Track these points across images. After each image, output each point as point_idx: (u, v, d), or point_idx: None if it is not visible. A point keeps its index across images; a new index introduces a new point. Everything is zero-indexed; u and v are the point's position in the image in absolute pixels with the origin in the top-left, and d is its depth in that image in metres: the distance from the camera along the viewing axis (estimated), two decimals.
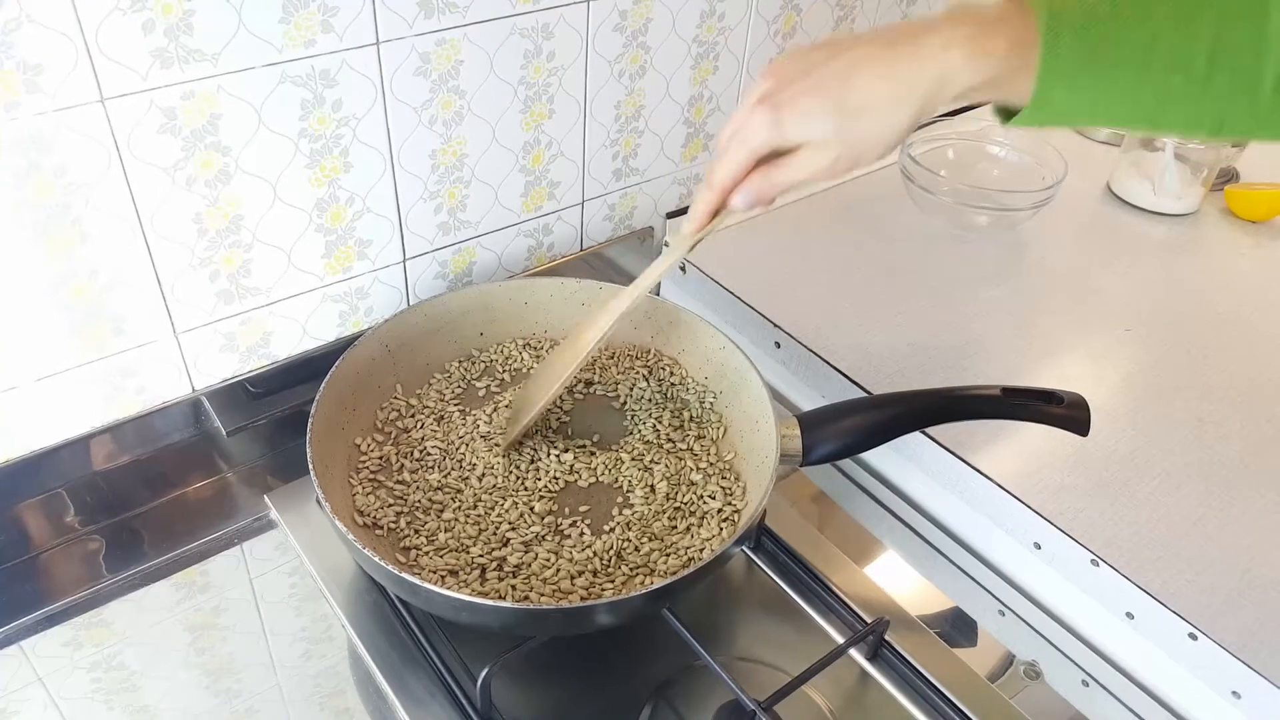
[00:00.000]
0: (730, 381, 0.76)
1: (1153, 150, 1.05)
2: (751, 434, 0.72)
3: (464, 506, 0.70)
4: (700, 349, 0.79)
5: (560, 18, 0.78)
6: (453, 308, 0.80)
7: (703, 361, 0.79)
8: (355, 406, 0.74)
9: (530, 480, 0.72)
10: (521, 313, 0.83)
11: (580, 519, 0.69)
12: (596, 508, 0.71)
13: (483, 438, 0.75)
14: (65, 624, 0.68)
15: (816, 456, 0.67)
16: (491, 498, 0.70)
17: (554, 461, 0.73)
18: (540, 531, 0.68)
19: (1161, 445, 0.77)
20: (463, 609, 0.59)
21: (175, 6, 0.60)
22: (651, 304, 0.81)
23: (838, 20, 1.00)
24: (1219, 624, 0.62)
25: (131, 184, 0.64)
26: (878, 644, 0.66)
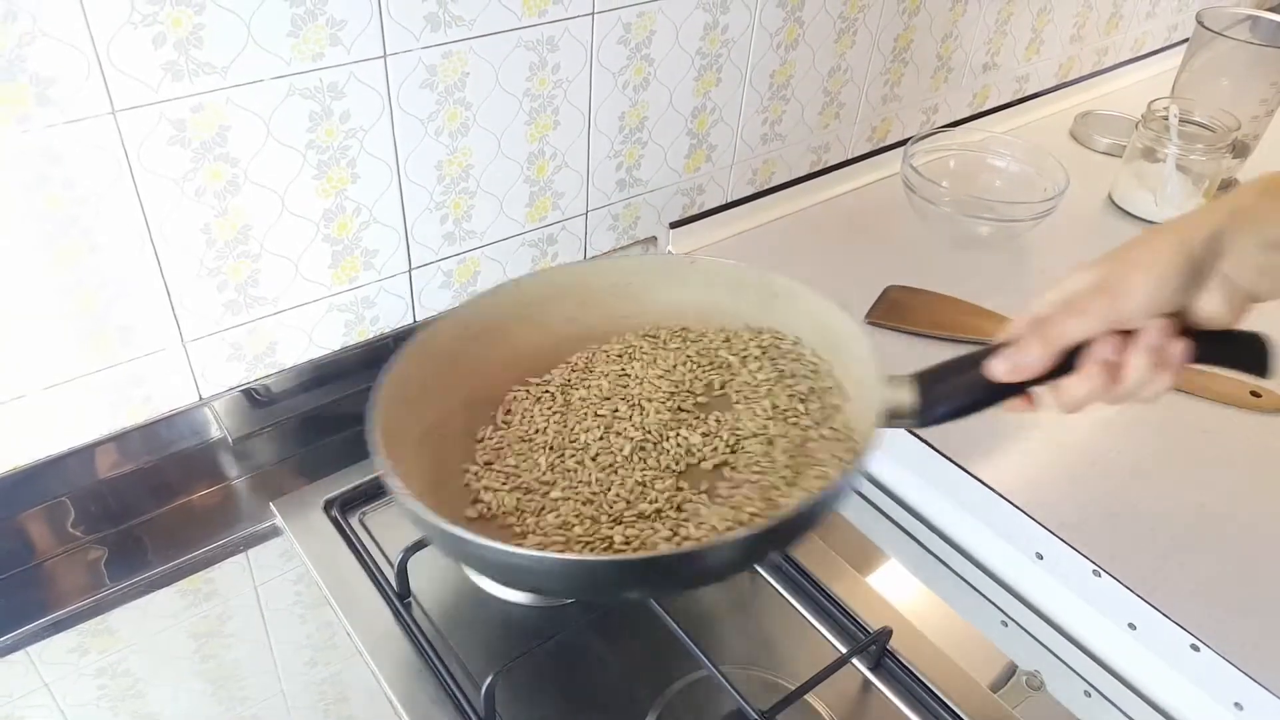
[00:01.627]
0: (835, 344, 0.69)
1: (1154, 161, 1.06)
2: (859, 399, 0.65)
3: (576, 485, 0.63)
4: (803, 315, 0.71)
5: (565, 30, 0.79)
6: (537, 292, 0.72)
7: (808, 332, 0.71)
8: (431, 389, 0.66)
9: (652, 459, 0.65)
10: (612, 295, 0.74)
11: (702, 495, 0.63)
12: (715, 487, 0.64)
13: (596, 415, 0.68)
14: (71, 630, 0.68)
15: (936, 414, 0.57)
16: (607, 476, 0.64)
17: (674, 442, 0.66)
18: (659, 507, 0.61)
19: (1164, 456, 0.77)
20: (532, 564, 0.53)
21: (186, 20, 0.61)
22: (736, 275, 0.74)
23: (839, 33, 1.01)
24: (1221, 635, 0.62)
25: (141, 195, 0.65)
26: (880, 654, 0.67)
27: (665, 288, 0.74)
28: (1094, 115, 1.29)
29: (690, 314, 0.73)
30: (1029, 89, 1.33)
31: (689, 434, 0.66)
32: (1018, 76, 1.30)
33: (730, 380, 0.70)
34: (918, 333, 0.88)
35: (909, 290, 0.94)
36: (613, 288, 0.74)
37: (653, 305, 0.74)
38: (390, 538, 0.75)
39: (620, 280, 0.74)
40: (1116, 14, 1.37)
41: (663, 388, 0.69)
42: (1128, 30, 1.42)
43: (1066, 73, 1.37)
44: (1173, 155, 1.04)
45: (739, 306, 0.74)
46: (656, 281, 0.74)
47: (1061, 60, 1.35)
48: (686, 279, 0.74)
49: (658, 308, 0.74)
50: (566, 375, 0.71)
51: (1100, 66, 1.41)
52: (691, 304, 0.74)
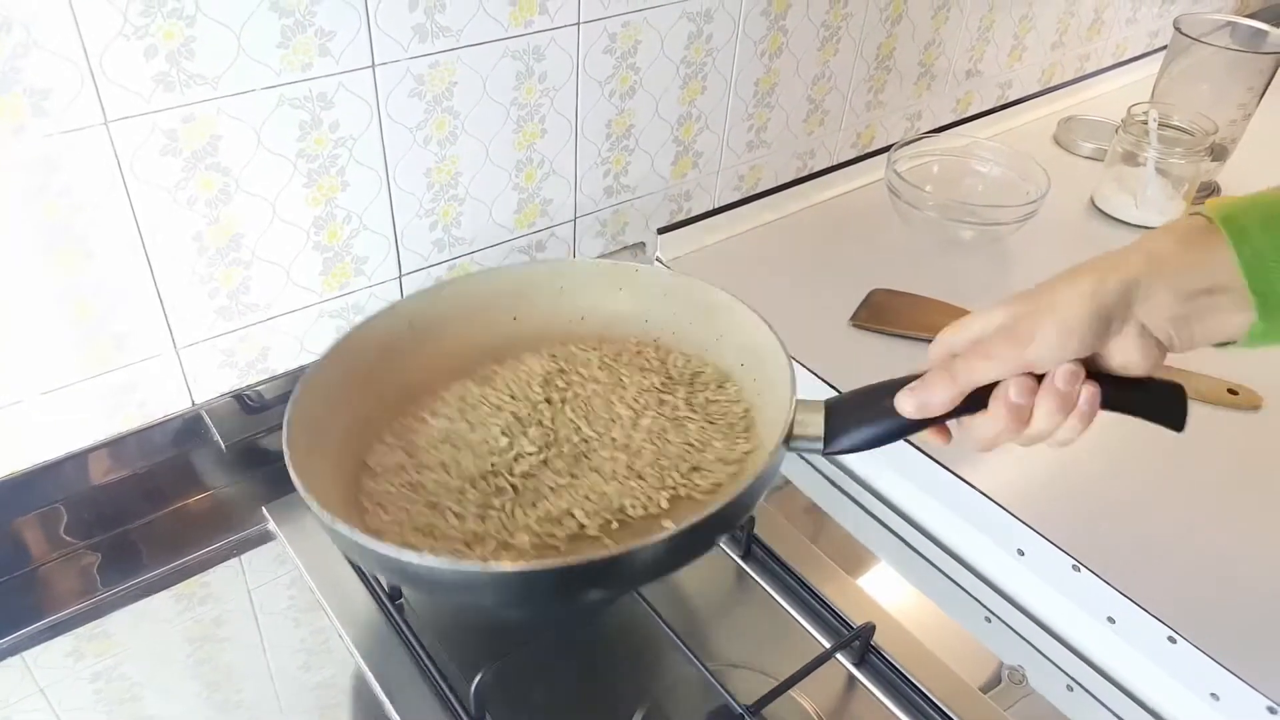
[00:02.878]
0: (766, 368, 0.69)
1: (1135, 165, 1.07)
2: (778, 422, 0.63)
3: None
4: (737, 333, 0.72)
5: (551, 40, 0.80)
6: (481, 288, 0.75)
7: (738, 346, 0.72)
8: (367, 382, 0.69)
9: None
10: (557, 297, 0.77)
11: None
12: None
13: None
14: (67, 635, 0.69)
15: (842, 445, 0.58)
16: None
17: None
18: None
19: (1142, 454, 0.78)
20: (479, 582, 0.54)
21: (177, 32, 0.62)
22: (679, 286, 0.76)
23: (823, 41, 1.02)
24: (1197, 627, 0.64)
25: (134, 204, 0.66)
26: (864, 649, 0.68)
27: (606, 294, 0.77)
28: (1077, 120, 1.31)
29: (627, 321, 0.77)
30: (1012, 95, 1.35)
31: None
32: (1000, 83, 1.31)
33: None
34: (902, 335, 0.90)
35: (893, 293, 0.95)
36: (557, 291, 0.77)
37: (594, 310, 0.78)
38: None
39: (562, 284, 0.77)
40: (1098, 20, 1.39)
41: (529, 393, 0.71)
42: (1109, 36, 1.44)
43: (1049, 79, 1.39)
44: (1152, 159, 1.05)
45: (678, 318, 0.77)
46: (597, 287, 0.77)
47: (1044, 66, 1.37)
48: (625, 286, 0.77)
49: (599, 314, 0.77)
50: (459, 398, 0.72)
51: (1082, 72, 1.43)
52: (631, 312, 0.77)
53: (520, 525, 0.62)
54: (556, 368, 0.74)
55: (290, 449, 0.59)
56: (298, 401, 0.63)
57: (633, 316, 0.77)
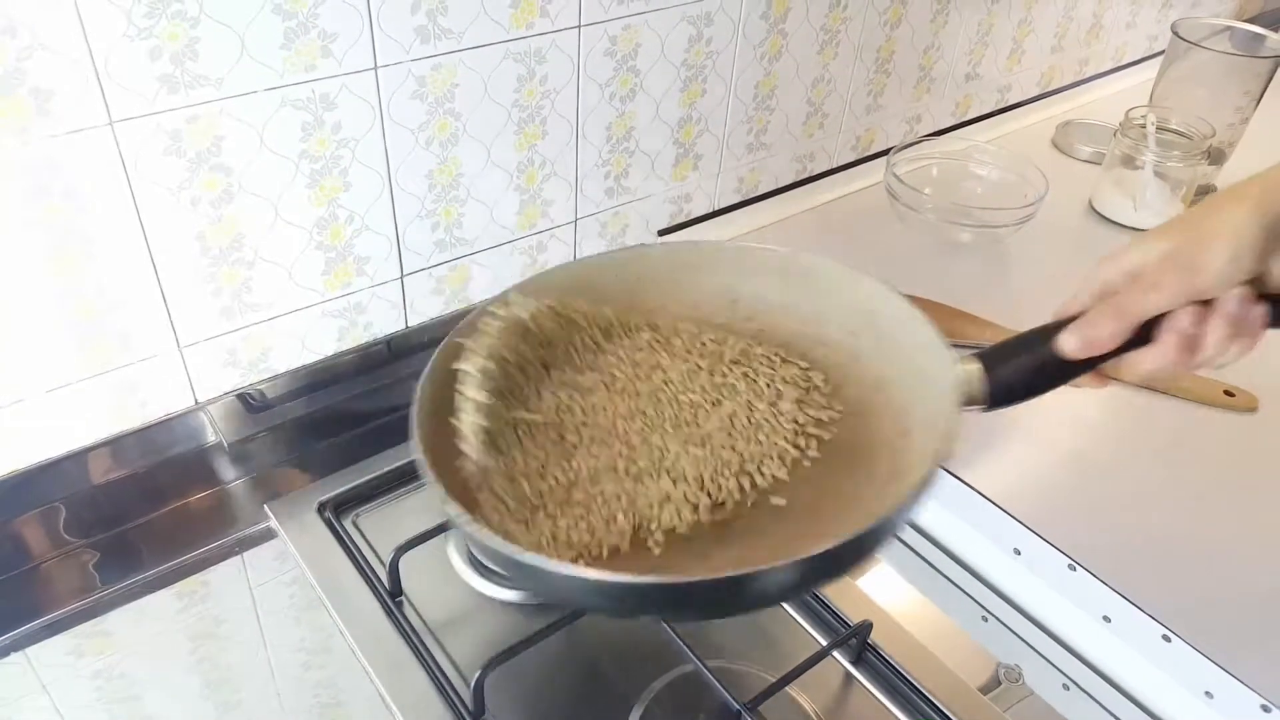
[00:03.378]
0: (885, 327, 0.63)
1: (1133, 168, 1.08)
2: (921, 382, 0.58)
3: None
4: (842, 298, 0.66)
5: (552, 43, 0.81)
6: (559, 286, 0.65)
7: (847, 314, 0.65)
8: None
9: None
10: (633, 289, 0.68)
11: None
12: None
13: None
14: (68, 633, 0.69)
15: (1005, 397, 0.54)
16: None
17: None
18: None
19: (1138, 454, 0.79)
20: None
21: (181, 34, 0.62)
22: (764, 260, 0.68)
23: (822, 44, 1.03)
24: (1192, 626, 0.64)
25: (138, 204, 0.67)
26: (861, 647, 0.68)
27: (691, 279, 0.68)
28: (1075, 124, 1.32)
29: (711, 305, 0.68)
30: (1011, 99, 1.35)
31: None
32: (1000, 86, 1.32)
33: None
34: None
35: None
36: (634, 281, 0.68)
37: (676, 298, 0.68)
38: (383, 538, 0.76)
39: (640, 274, 0.68)
40: (1097, 25, 1.40)
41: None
42: (1108, 40, 1.45)
43: (1048, 82, 1.40)
44: (1150, 162, 1.06)
45: (766, 295, 0.68)
46: (671, 273, 0.68)
47: (1043, 70, 1.37)
48: (706, 267, 0.68)
49: (683, 300, 0.68)
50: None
51: (1081, 76, 1.44)
52: (716, 291, 0.68)
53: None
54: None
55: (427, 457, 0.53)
56: (419, 411, 0.56)
57: (720, 295, 0.69)
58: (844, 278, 0.65)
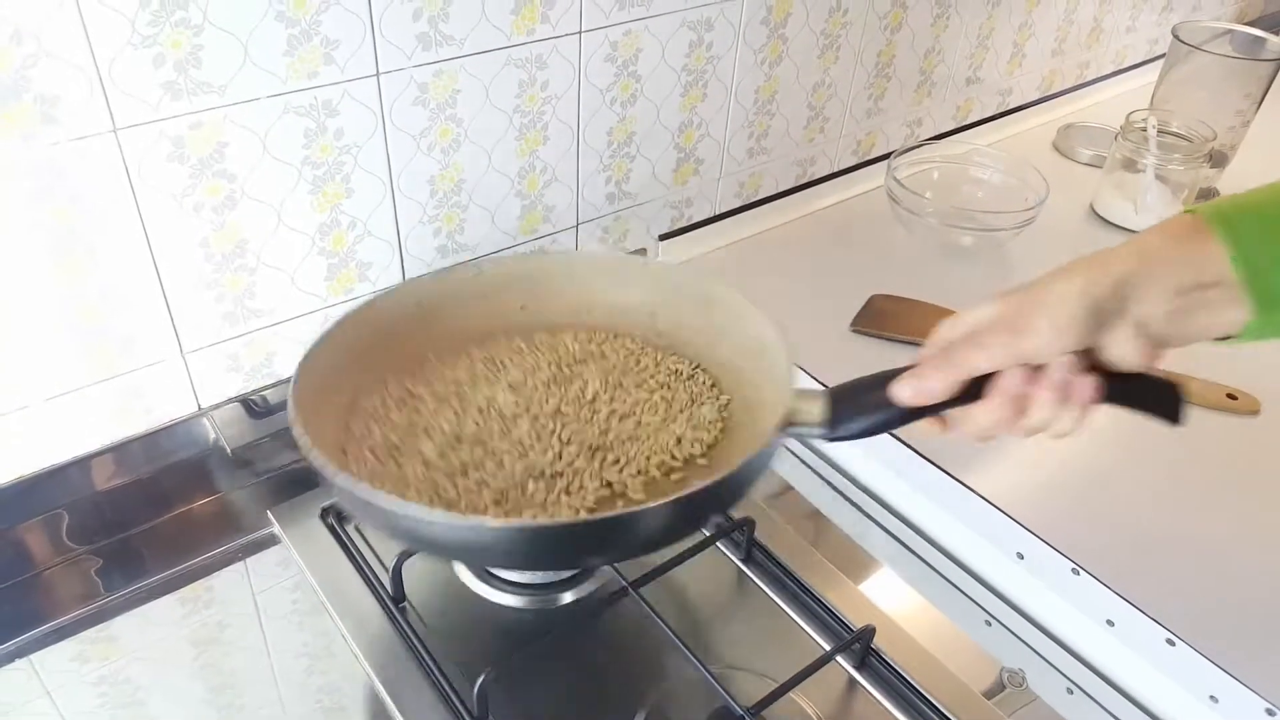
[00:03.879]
0: (768, 360, 0.69)
1: (1134, 171, 1.08)
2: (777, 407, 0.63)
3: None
4: (739, 327, 0.72)
5: (553, 49, 0.81)
6: (492, 275, 0.76)
7: (741, 341, 0.72)
8: (370, 359, 0.70)
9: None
10: (565, 288, 0.78)
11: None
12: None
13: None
14: (72, 639, 0.69)
15: (845, 431, 0.58)
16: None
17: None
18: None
19: (1141, 457, 0.79)
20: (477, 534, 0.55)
21: (185, 41, 0.63)
22: (684, 281, 0.77)
23: (823, 49, 1.03)
24: (1196, 630, 0.64)
25: (141, 210, 0.67)
26: (864, 651, 0.68)
27: (614, 286, 0.78)
28: (1076, 127, 1.32)
29: (633, 314, 0.77)
30: (1012, 102, 1.35)
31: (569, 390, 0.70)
32: (1000, 90, 1.32)
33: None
34: (902, 340, 0.90)
35: (893, 299, 0.96)
36: (566, 282, 0.78)
37: (601, 301, 0.78)
38: (385, 544, 0.76)
39: (572, 274, 0.78)
40: (1097, 28, 1.40)
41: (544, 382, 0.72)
42: (1108, 44, 1.45)
43: (1049, 86, 1.40)
44: (1151, 165, 1.06)
45: (682, 314, 0.77)
46: (604, 279, 0.78)
47: (1043, 74, 1.37)
48: (634, 279, 0.78)
49: (604, 305, 0.78)
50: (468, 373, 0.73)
51: (1082, 80, 1.44)
52: (637, 304, 0.77)
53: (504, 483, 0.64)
54: (551, 360, 0.75)
55: (296, 409, 0.61)
56: (301, 372, 0.64)
57: (639, 309, 0.77)
58: (745, 312, 0.72)
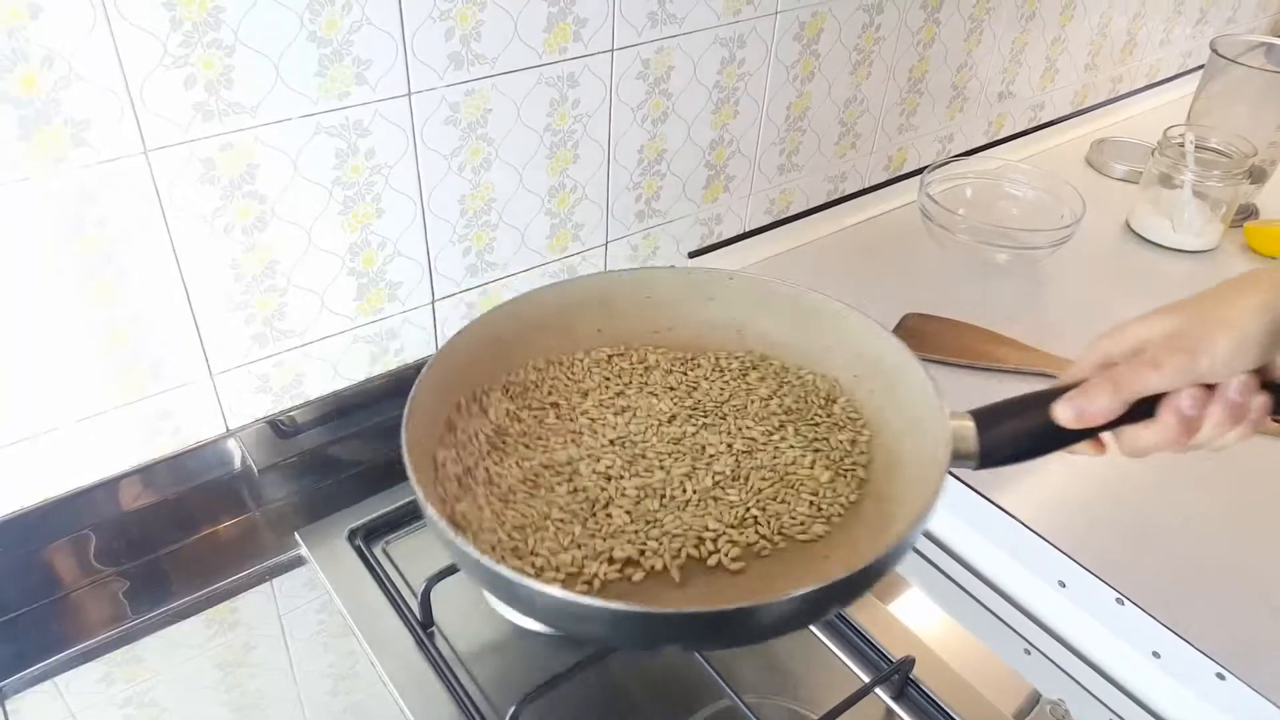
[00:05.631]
0: (888, 378, 0.64)
1: (1171, 187, 1.06)
2: (915, 433, 0.60)
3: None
4: (850, 342, 0.67)
5: (585, 67, 0.80)
6: (564, 299, 0.70)
7: (851, 357, 0.67)
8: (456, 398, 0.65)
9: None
10: (643, 307, 0.72)
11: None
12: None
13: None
14: (98, 660, 0.69)
15: (998, 458, 0.55)
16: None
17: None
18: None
19: (1185, 483, 0.77)
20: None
21: (217, 62, 0.62)
22: (777, 294, 0.71)
23: (855, 65, 1.02)
24: (1247, 664, 0.62)
25: (172, 231, 0.67)
26: (903, 683, 0.66)
27: (695, 304, 0.72)
28: (1110, 142, 1.30)
29: (719, 333, 0.71)
30: (1044, 117, 1.34)
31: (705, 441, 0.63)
32: (1033, 104, 1.31)
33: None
34: (937, 360, 0.89)
35: (927, 318, 0.94)
36: (642, 300, 0.72)
37: (682, 321, 0.72)
38: (414, 567, 0.75)
39: (650, 293, 0.72)
40: (1130, 42, 1.38)
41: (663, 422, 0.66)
42: (1142, 58, 1.43)
43: (1081, 100, 1.38)
44: (1189, 182, 1.04)
45: (774, 328, 0.71)
46: (685, 297, 0.72)
47: (1076, 88, 1.36)
48: (715, 295, 0.71)
49: (687, 324, 0.72)
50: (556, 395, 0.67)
51: (1115, 94, 1.42)
52: (725, 322, 0.71)
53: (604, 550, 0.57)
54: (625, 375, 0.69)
55: (413, 470, 0.54)
56: (410, 420, 0.57)
57: (726, 327, 0.71)
58: (852, 320, 0.66)
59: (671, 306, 0.72)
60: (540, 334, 0.69)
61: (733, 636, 0.54)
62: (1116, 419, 0.51)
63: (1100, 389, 0.51)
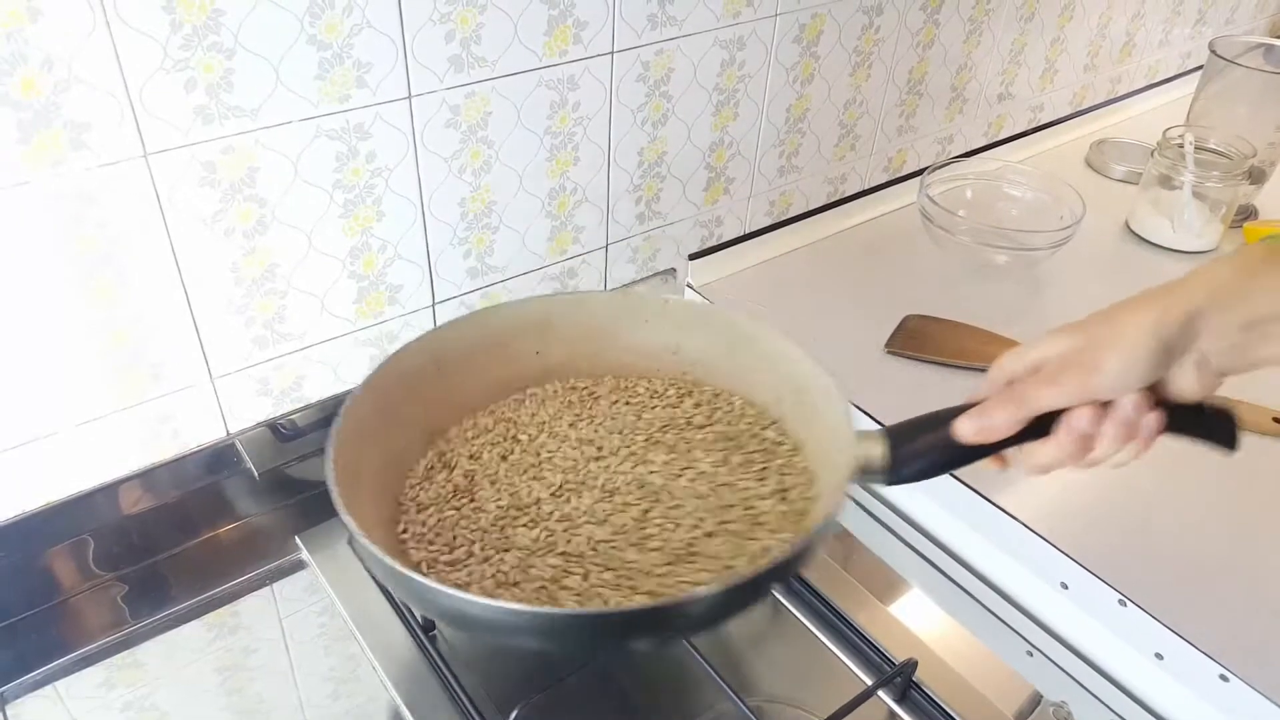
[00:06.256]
0: (810, 399, 0.67)
1: (1171, 188, 1.06)
2: (834, 453, 0.63)
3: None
4: (776, 365, 0.70)
5: (585, 69, 0.80)
6: (504, 323, 0.73)
7: (778, 380, 0.70)
8: (396, 417, 0.68)
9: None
10: (581, 330, 0.75)
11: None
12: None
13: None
14: (99, 665, 0.69)
15: (906, 474, 0.57)
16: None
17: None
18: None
19: (1189, 483, 0.77)
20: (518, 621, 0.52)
21: (217, 65, 0.62)
22: (710, 318, 0.74)
23: (855, 66, 1.02)
24: (1251, 665, 0.62)
25: (172, 235, 0.66)
26: (906, 685, 0.66)
27: (632, 326, 0.75)
28: (1109, 143, 1.30)
29: (654, 356, 0.75)
30: (1044, 118, 1.34)
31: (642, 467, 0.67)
32: (1032, 106, 1.31)
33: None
34: (937, 362, 0.89)
35: (928, 319, 0.94)
36: (580, 322, 0.75)
37: (618, 343, 0.75)
38: None
39: (586, 315, 0.75)
40: (1129, 43, 1.38)
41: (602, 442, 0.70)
42: (1141, 59, 1.43)
43: (1081, 101, 1.38)
44: (1189, 182, 1.04)
45: (707, 351, 0.74)
46: (622, 320, 0.75)
47: (1076, 89, 1.36)
48: (650, 318, 0.74)
49: (623, 346, 0.75)
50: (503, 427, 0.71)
51: (1114, 95, 1.42)
52: (660, 345, 0.74)
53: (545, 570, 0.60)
54: (568, 404, 0.73)
55: (336, 486, 0.58)
56: (337, 438, 0.61)
57: (661, 349, 0.75)
58: (777, 344, 0.70)
59: (609, 329, 0.75)
60: (481, 355, 0.72)
61: (645, 633, 0.57)
62: (1016, 435, 0.53)
63: (1000, 406, 0.52)
